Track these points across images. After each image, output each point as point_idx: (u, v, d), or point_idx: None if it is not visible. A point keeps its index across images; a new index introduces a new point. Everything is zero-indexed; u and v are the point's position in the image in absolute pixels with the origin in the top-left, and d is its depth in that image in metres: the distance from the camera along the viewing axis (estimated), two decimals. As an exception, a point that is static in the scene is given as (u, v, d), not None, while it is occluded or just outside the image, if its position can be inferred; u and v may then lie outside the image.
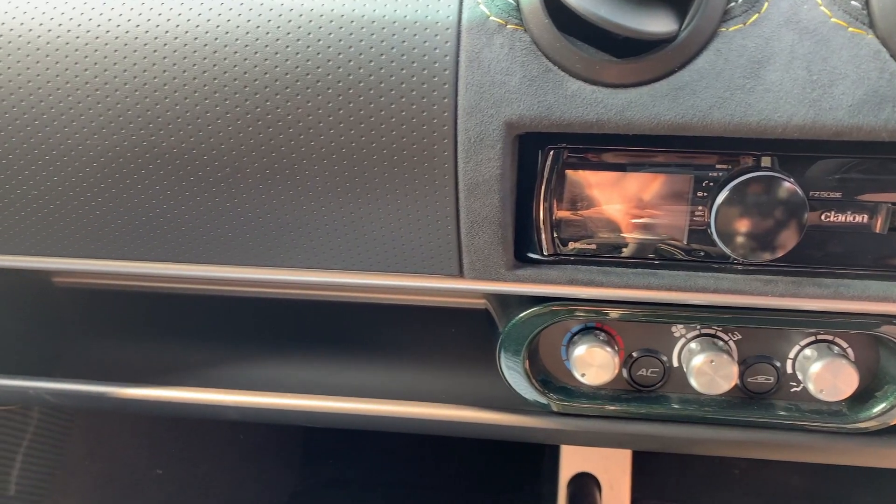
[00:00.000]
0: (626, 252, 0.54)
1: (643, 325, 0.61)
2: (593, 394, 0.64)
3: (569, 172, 0.51)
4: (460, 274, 0.56)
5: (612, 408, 0.63)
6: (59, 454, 0.91)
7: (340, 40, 0.47)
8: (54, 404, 0.76)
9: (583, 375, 0.60)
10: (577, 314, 0.58)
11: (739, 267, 0.53)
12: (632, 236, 0.53)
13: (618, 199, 0.52)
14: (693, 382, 0.59)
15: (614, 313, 0.58)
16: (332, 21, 0.47)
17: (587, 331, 0.62)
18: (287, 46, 0.48)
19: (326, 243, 0.55)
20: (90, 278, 0.81)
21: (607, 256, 0.54)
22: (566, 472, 1.18)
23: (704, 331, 0.60)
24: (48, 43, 0.51)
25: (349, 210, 0.52)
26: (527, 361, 0.62)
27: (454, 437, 1.33)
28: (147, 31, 0.49)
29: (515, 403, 0.66)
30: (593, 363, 0.60)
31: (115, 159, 0.53)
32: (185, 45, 0.49)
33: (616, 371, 0.60)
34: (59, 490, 0.92)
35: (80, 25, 0.50)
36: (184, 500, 1.12)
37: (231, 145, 0.50)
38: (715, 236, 0.50)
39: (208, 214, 0.55)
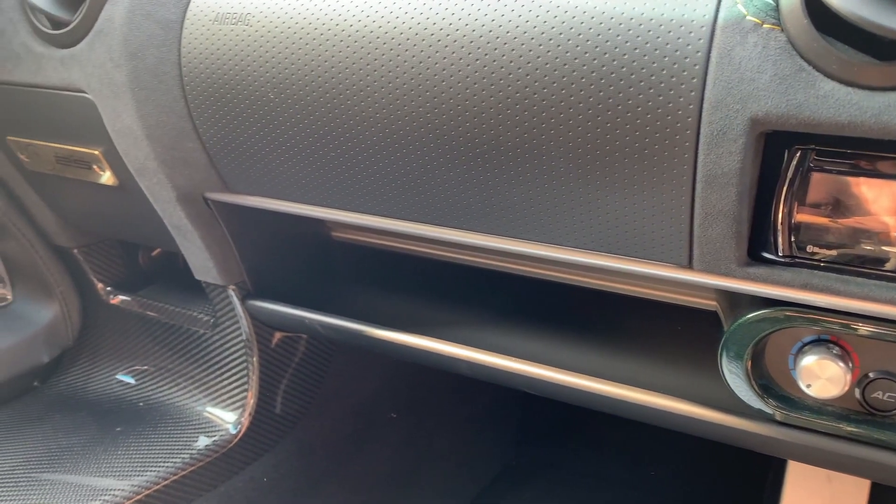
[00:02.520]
0: (869, 262, 0.52)
1: (887, 344, 0.58)
2: (819, 408, 0.61)
3: (814, 175, 0.51)
4: (689, 265, 0.58)
5: (839, 426, 0.60)
6: (316, 384, 1.07)
7: (599, 35, 0.52)
8: (323, 335, 0.90)
9: (808, 386, 0.58)
10: (814, 324, 0.57)
11: None
12: (878, 247, 0.51)
13: (865, 206, 0.50)
14: (939, 415, 0.55)
15: (856, 328, 0.56)
16: (593, 17, 0.52)
17: (820, 342, 0.60)
18: (550, 39, 0.54)
19: (562, 220, 0.60)
20: (360, 235, 0.95)
21: (848, 265, 0.52)
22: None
23: (959, 361, 0.55)
24: (357, 31, 0.62)
25: (587, 191, 0.57)
26: (749, 363, 0.61)
27: (670, 442, 1.32)
28: (434, 23, 0.58)
29: (737, 410, 0.66)
30: (821, 375, 0.58)
31: (396, 131, 0.63)
32: (464, 35, 0.57)
33: (846, 388, 0.57)
34: (313, 416, 1.08)
35: (382, 17, 0.61)
36: (410, 447, 1.24)
37: (490, 125, 0.57)
38: (978, 256, 0.46)
39: (463, 184, 0.63)
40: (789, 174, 0.51)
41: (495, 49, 0.56)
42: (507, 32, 0.55)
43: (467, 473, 1.35)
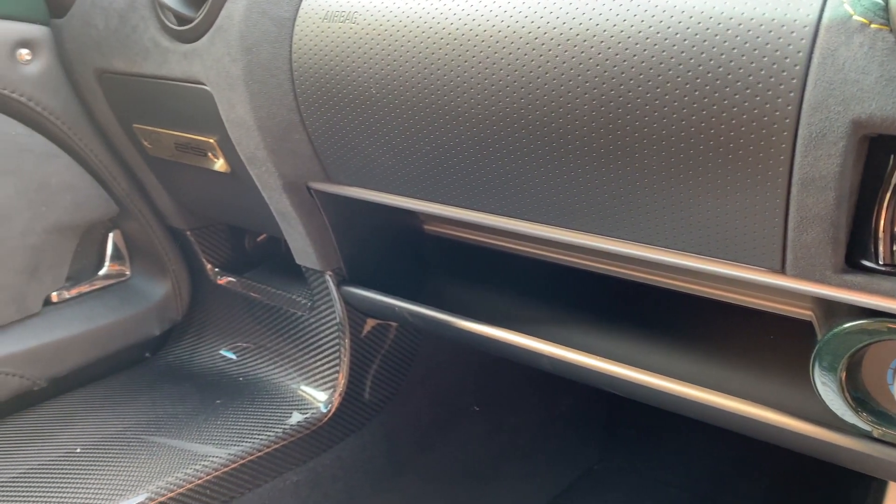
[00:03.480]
0: (979, 274, 0.49)
1: None
2: (918, 426, 0.59)
3: (922, 181, 0.49)
4: (782, 270, 0.57)
5: (942, 447, 0.57)
6: (404, 371, 1.10)
7: (697, 34, 0.52)
8: (411, 324, 0.93)
9: (906, 402, 0.56)
10: (916, 339, 0.55)
11: None
12: None
13: (977, 214, 0.48)
14: None
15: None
16: (691, 17, 0.52)
17: (923, 358, 0.57)
18: (647, 38, 0.54)
19: (652, 220, 0.60)
20: (451, 229, 0.97)
21: (955, 276, 0.50)
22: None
23: None
24: (457, 29, 0.64)
25: (679, 191, 0.57)
26: (843, 375, 0.59)
27: (761, 457, 1.27)
28: (532, 21, 0.60)
29: (831, 424, 0.64)
30: (922, 392, 0.55)
31: (489, 127, 0.65)
32: (561, 34, 0.58)
33: (950, 407, 0.55)
34: (399, 403, 1.11)
35: (482, 16, 0.63)
36: (491, 442, 1.26)
37: (583, 122, 0.58)
38: None
39: (553, 181, 0.64)
40: (894, 179, 0.50)
41: (591, 47, 0.56)
42: (604, 31, 0.56)
43: (547, 474, 1.35)
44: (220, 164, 0.95)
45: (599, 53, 0.56)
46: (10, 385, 1.01)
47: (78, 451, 0.95)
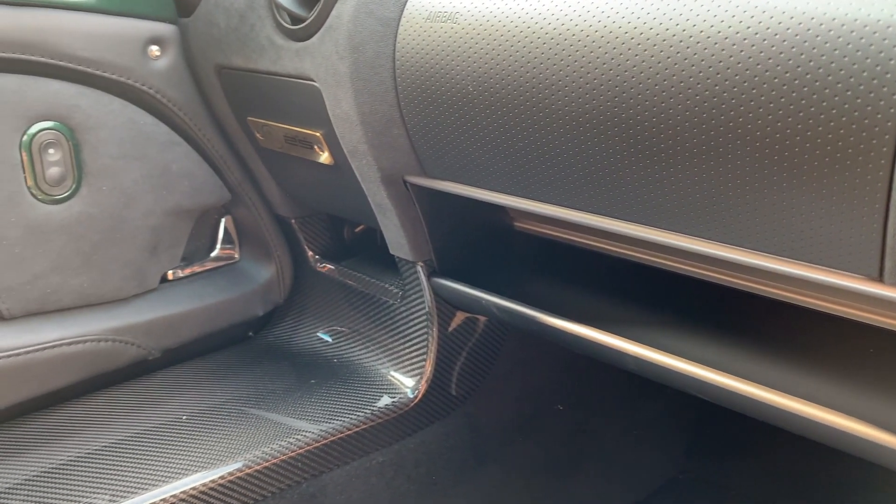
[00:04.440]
0: None
1: None
2: None
3: None
4: (880, 278, 0.55)
5: None
6: (489, 365, 1.12)
7: (797, 35, 0.51)
8: (497, 317, 0.95)
9: None
10: None
11: None
12: None
13: None
14: None
15: None
16: (792, 17, 0.52)
17: None
18: (745, 39, 0.54)
19: (744, 222, 0.60)
20: (541, 226, 0.99)
21: None
22: None
23: None
24: (554, 28, 0.66)
25: (772, 193, 0.56)
26: (943, 391, 0.57)
27: (857, 480, 1.21)
28: (629, 22, 0.60)
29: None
30: None
31: (582, 125, 0.66)
32: (657, 34, 0.59)
33: None
34: (483, 395, 1.13)
35: (579, 16, 0.64)
36: (573, 442, 1.26)
37: (677, 121, 0.59)
38: None
39: (645, 180, 0.64)
40: None
41: (687, 48, 0.57)
42: (701, 32, 0.56)
43: (629, 478, 1.34)
44: (324, 157, 1.00)
45: (695, 54, 0.56)
46: (128, 353, 1.11)
47: (184, 418, 1.03)
